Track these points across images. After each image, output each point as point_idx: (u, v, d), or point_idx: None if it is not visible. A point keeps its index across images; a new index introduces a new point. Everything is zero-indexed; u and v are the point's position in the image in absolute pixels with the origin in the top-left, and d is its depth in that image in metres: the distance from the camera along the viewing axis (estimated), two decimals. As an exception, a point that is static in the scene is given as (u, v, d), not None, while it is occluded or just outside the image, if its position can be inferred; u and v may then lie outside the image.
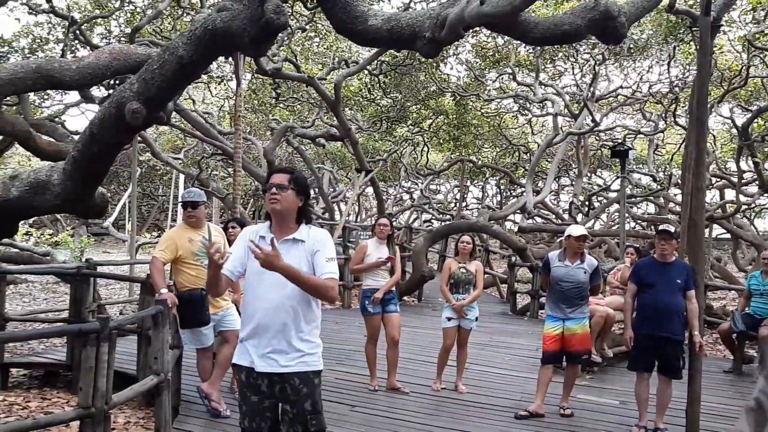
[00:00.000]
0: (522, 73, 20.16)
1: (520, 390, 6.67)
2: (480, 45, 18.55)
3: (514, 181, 25.33)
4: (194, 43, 4.77)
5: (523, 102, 22.10)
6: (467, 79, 20.26)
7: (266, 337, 3.17)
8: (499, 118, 23.63)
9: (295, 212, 3.28)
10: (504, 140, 24.76)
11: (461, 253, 6.69)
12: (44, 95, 15.91)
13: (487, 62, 18.93)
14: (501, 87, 21.78)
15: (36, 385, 7.00)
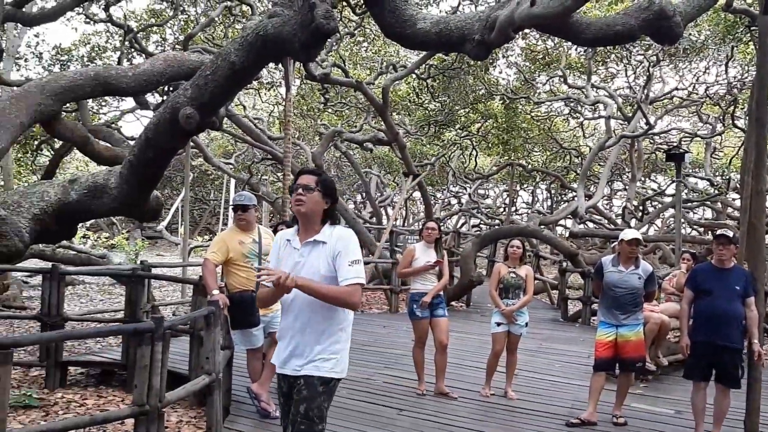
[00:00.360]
0: (573, 76, 19.85)
1: (572, 397, 6.53)
2: (530, 48, 18.35)
3: (565, 185, 24.93)
4: (246, 49, 4.85)
5: (574, 105, 21.76)
6: (517, 83, 20.05)
7: (288, 340, 3.21)
8: (550, 121, 23.30)
9: (320, 214, 3.23)
10: (554, 144, 24.40)
11: (511, 258, 6.60)
12: (102, 102, 16.42)
13: (537, 65, 18.71)
14: (551, 90, 21.48)
15: (93, 384, 7.21)
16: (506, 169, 25.61)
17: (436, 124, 19.95)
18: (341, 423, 5.38)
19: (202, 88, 5.05)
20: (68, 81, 6.99)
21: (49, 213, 5.51)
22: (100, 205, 5.59)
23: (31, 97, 6.65)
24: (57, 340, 6.47)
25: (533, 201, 35.76)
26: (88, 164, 23.97)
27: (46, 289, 6.97)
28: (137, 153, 5.38)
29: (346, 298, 3.10)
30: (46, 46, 23.32)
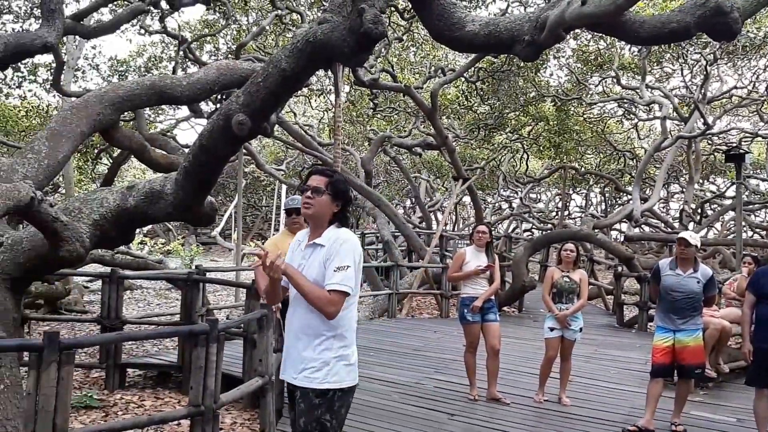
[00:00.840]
0: (626, 77, 19.42)
1: (628, 405, 6.37)
2: (581, 48, 18.04)
3: (619, 188, 24.36)
4: (296, 55, 4.89)
5: (628, 106, 21.28)
6: (568, 84, 19.73)
7: (289, 345, 3.14)
8: (603, 123, 22.84)
9: (329, 216, 3.12)
10: (608, 146, 23.90)
11: (564, 262, 6.49)
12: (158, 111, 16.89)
13: (589, 66, 18.37)
14: (604, 91, 21.06)
15: (150, 385, 7.40)
16: (558, 173, 25.20)
17: (485, 127, 19.79)
18: (392, 427, 5.37)
19: (253, 95, 5.12)
20: (126, 91, 7.20)
21: (108, 219, 5.66)
22: (157, 211, 5.71)
23: (91, 107, 6.88)
24: (116, 342, 6.67)
25: (587, 205, 35.08)
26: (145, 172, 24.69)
27: (105, 292, 7.21)
28: (192, 159, 5.49)
29: (322, 304, 2.95)
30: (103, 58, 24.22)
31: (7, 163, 6.03)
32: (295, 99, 22.53)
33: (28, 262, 5.45)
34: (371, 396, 6.29)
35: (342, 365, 3.04)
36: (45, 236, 5.23)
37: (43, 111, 16.08)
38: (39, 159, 6.15)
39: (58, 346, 3.36)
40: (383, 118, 20.81)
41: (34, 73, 14.96)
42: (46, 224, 5.06)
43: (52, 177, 6.46)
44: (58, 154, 6.37)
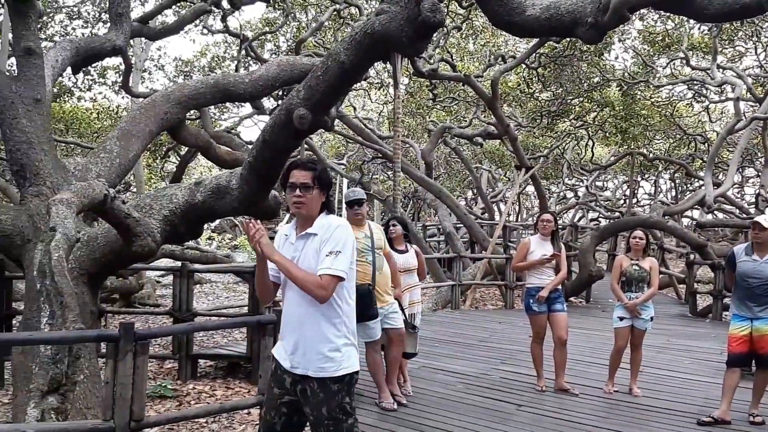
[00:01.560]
0: (696, 57, 18.66)
1: (703, 395, 6.15)
2: (647, 29, 17.43)
3: (690, 173, 23.45)
4: (354, 48, 4.91)
5: (698, 88, 20.45)
6: (634, 67, 19.09)
7: (289, 336, 3.07)
8: (672, 106, 22.01)
9: (318, 208, 3.09)
10: (678, 130, 23.03)
11: (633, 249, 6.30)
12: (222, 109, 17.29)
13: (656, 48, 17.73)
14: (672, 73, 20.30)
15: (221, 376, 7.60)
16: (626, 159, 24.46)
17: (548, 114, 19.40)
18: (459, 417, 5.35)
19: (313, 89, 5.17)
20: (191, 90, 7.41)
21: (177, 214, 5.84)
22: (223, 205, 5.85)
23: (158, 107, 7.10)
24: (188, 332, 6.88)
25: (656, 191, 33.94)
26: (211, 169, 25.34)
27: (176, 286, 7.43)
28: (255, 154, 5.59)
29: (313, 288, 2.90)
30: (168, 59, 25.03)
31: (81, 163, 6.29)
32: (355, 93, 22.64)
33: (104, 258, 5.68)
34: (437, 387, 6.28)
35: (352, 349, 3.06)
36: (118, 232, 5.44)
37: (113, 112, 16.71)
38: (111, 158, 6.39)
39: (134, 337, 3.49)
40: (443, 109, 20.68)
41: (104, 76, 15.58)
42: (119, 221, 5.26)
43: (124, 175, 6.70)
44: (129, 152, 6.60)
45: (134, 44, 14.32)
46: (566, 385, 6.23)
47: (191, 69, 15.84)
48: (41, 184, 5.72)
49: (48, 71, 6.38)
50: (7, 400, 6.30)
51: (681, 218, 23.27)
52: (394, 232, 6.13)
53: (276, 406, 3.08)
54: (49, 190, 5.67)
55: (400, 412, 5.45)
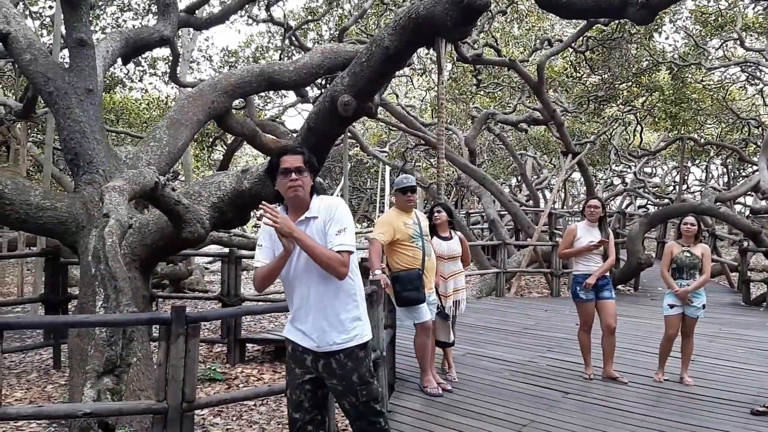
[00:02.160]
0: (750, 38, 18.00)
1: (757, 385, 5.98)
2: (699, 9, 16.88)
3: (744, 158, 22.68)
4: (399, 32, 4.89)
5: (752, 70, 19.74)
6: (685, 49, 18.51)
7: (308, 317, 3.14)
8: (724, 90, 21.30)
9: (309, 191, 3.16)
10: (730, 114, 22.30)
11: (685, 236, 6.14)
12: (266, 98, 17.46)
13: (709, 29, 17.15)
14: (725, 55, 19.64)
15: (268, 360, 7.74)
16: (676, 144, 23.82)
17: (595, 100, 19.00)
18: (505, 404, 5.33)
19: (358, 75, 5.17)
20: (237, 78, 7.49)
21: (225, 201, 5.94)
22: (270, 192, 5.89)
23: (206, 96, 7.21)
24: (236, 316, 7.01)
25: (707, 178, 32.98)
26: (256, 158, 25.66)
27: (224, 272, 7.58)
28: (301, 141, 5.63)
29: (336, 265, 3.02)
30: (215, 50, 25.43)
31: (132, 152, 6.43)
32: (397, 80, 22.59)
33: (155, 244, 5.81)
34: (482, 374, 6.26)
35: (366, 319, 3.27)
36: (169, 219, 5.56)
37: (162, 102, 17.04)
38: (161, 146, 6.51)
39: (185, 320, 3.56)
40: (487, 95, 20.46)
41: (154, 67, 15.88)
42: (169, 207, 5.37)
43: (173, 163, 6.83)
44: (178, 141, 6.72)
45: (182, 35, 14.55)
46: (615, 373, 6.14)
47: (236, 59, 16.02)
48: (94, 172, 5.87)
49: (99, 62, 6.53)
50: (64, 382, 6.54)
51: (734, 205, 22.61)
52: (439, 219, 6.11)
53: (299, 385, 3.19)
54: (101, 178, 5.83)
55: (447, 398, 5.45)
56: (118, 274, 4.13)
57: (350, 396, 3.13)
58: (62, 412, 3.68)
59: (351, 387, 3.12)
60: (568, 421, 4.93)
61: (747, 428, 4.84)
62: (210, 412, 5.77)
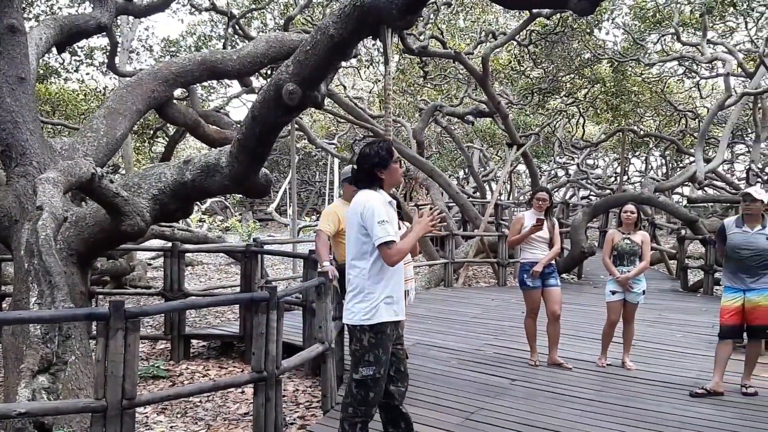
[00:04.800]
0: (687, 33, 18.57)
1: (696, 368, 6.17)
2: (638, 5, 17.32)
3: (681, 150, 23.49)
4: (344, 20, 4.82)
5: (689, 64, 20.40)
6: (625, 44, 18.99)
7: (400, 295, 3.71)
8: (663, 83, 21.95)
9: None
10: (669, 107, 23.01)
11: (625, 224, 6.28)
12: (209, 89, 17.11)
13: (647, 23, 17.63)
14: (663, 49, 20.22)
15: (214, 356, 7.59)
16: (617, 136, 24.47)
17: (539, 92, 19.31)
18: (453, 392, 5.36)
19: (302, 63, 5.09)
20: (178, 67, 7.29)
21: (167, 193, 5.78)
22: (213, 183, 5.79)
23: (145, 85, 7.00)
24: (179, 310, 6.85)
25: (647, 169, 34.03)
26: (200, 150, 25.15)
27: (167, 266, 7.38)
28: (245, 131, 5.52)
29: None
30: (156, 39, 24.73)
31: (67, 142, 6.19)
32: (344, 71, 22.46)
33: (93, 237, 5.62)
34: (431, 363, 6.29)
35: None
36: (107, 211, 5.38)
37: (100, 93, 16.49)
38: (98, 137, 6.30)
39: (124, 315, 3.44)
40: (434, 88, 20.54)
41: (91, 57, 15.34)
42: (107, 200, 5.19)
43: (111, 154, 6.61)
44: (116, 131, 6.51)
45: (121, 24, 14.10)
46: (559, 359, 6.25)
47: (178, 49, 15.61)
48: (27, 164, 5.63)
49: (32, 49, 6.26)
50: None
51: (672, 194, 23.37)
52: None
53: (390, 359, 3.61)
54: (35, 170, 5.59)
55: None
56: (53, 269, 3.97)
57: (405, 359, 3.78)
58: (-6, 413, 3.50)
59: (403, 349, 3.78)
60: (514, 408, 4.99)
61: (687, 410, 4.99)
62: (153, 409, 5.62)
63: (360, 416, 3.53)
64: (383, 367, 3.51)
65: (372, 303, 3.48)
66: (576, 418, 4.76)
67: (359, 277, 3.54)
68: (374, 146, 3.67)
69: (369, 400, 3.52)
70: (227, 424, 5.26)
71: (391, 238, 3.45)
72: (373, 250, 3.50)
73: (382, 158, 3.60)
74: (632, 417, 4.81)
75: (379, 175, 3.61)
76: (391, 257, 3.47)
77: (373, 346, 3.49)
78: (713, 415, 4.87)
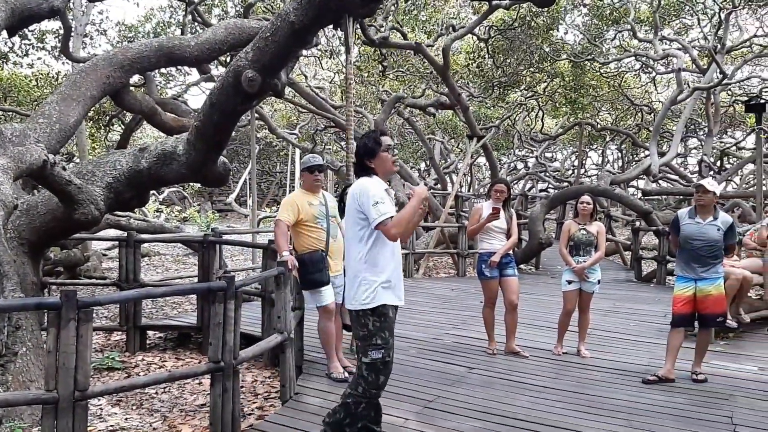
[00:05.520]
0: (643, 30, 18.95)
1: (648, 355, 6.34)
2: (596, 4, 17.61)
3: (636, 143, 23.98)
4: (305, 7, 4.78)
5: (645, 59, 20.83)
6: (583, 42, 19.28)
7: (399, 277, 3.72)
8: (620, 77, 22.37)
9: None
10: (625, 101, 23.46)
11: (581, 214, 6.40)
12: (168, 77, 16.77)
13: (605, 21, 17.93)
14: (621, 45, 20.59)
15: (171, 347, 7.48)
16: (574, 130, 24.87)
17: (499, 85, 19.47)
18: (411, 381, 5.39)
19: (263, 50, 5.04)
20: (134, 53, 7.14)
21: (122, 181, 5.67)
22: (170, 172, 5.70)
23: (100, 71, 6.83)
24: (134, 300, 6.71)
25: (603, 162, 34.70)
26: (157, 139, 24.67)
27: (122, 256, 7.23)
28: (203, 118, 5.44)
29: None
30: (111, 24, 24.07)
31: (18, 128, 6.00)
32: (306, 60, 22.27)
33: (45, 226, 5.48)
34: (390, 352, 6.30)
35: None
36: (60, 200, 5.25)
37: (53, 79, 16.03)
38: (50, 123, 6.12)
39: (76, 304, 3.36)
40: (395, 79, 20.52)
41: (42, 41, 14.88)
42: (60, 187, 5.07)
43: (65, 141, 6.44)
44: (69, 118, 6.34)
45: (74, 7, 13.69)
46: (517, 348, 6.34)
47: (135, 35, 15.27)
48: (-25, 150, 5.44)
49: (-20, 32, 6.05)
50: (-55, 376, 6.06)
51: (627, 187, 23.86)
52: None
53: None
54: (-17, 157, 5.41)
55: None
56: (1, 258, 3.86)
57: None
58: (-61, 406, 3.39)
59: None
60: (472, 395, 5.05)
61: (640, 396, 5.12)
62: (108, 401, 5.51)
63: (367, 398, 3.63)
64: (391, 350, 3.59)
65: (371, 287, 3.55)
66: (532, 405, 4.84)
67: (357, 262, 3.61)
68: (364, 137, 3.77)
69: (379, 383, 3.60)
70: (184, 415, 5.18)
71: (388, 215, 3.50)
72: (369, 235, 3.57)
73: (369, 149, 3.67)
74: (586, 403, 4.91)
75: (369, 164, 3.68)
76: (389, 231, 3.52)
77: (378, 329, 3.55)
78: (664, 401, 5.01)
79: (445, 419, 4.56)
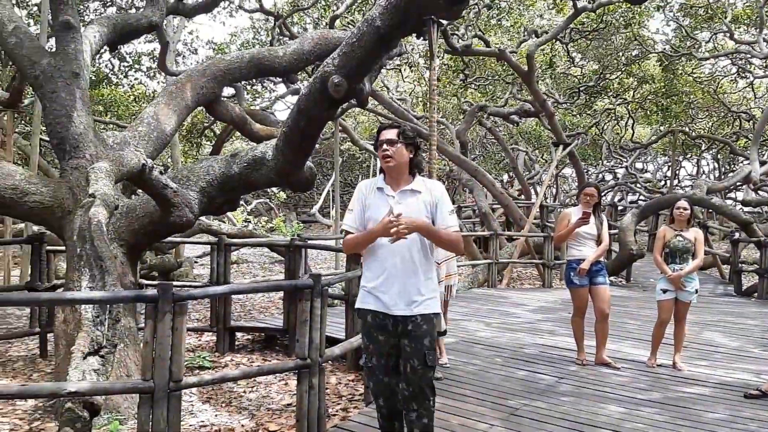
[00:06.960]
0: (740, 30, 18.01)
1: (750, 369, 5.95)
2: (689, 2, 16.88)
3: (735, 152, 22.72)
4: (390, 11, 4.80)
5: (743, 63, 19.76)
6: (675, 40, 18.47)
7: (393, 286, 3.34)
8: (715, 82, 21.31)
9: (407, 165, 3.43)
10: (721, 108, 22.32)
11: (677, 220, 6.10)
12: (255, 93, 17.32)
13: (698, 20, 17.14)
14: (715, 48, 19.65)
15: (258, 349, 7.67)
16: (667, 138, 23.85)
17: (586, 91, 18.97)
18: (497, 389, 5.28)
19: (348, 56, 5.09)
20: (226, 64, 7.39)
21: (214, 185, 5.86)
22: (259, 177, 5.85)
23: (194, 81, 7.11)
24: (224, 295, 6.95)
25: (698, 172, 33.09)
26: (246, 150, 25.45)
27: (214, 259, 7.49)
28: (291, 124, 5.55)
29: (456, 243, 3.42)
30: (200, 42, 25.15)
31: (119, 136, 6.33)
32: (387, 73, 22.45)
33: (142, 228, 5.72)
34: (475, 359, 6.22)
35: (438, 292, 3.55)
36: (156, 203, 5.47)
37: (149, 97, 16.90)
38: (148, 131, 6.41)
39: (172, 297, 3.49)
40: (477, 89, 20.38)
41: (138, 62, 15.74)
42: (157, 191, 5.28)
43: (162, 148, 6.73)
44: (166, 126, 6.62)
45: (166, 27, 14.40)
46: (607, 358, 6.10)
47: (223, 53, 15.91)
48: (80, 157, 5.76)
49: (86, 47, 6.41)
50: (50, 370, 6.44)
51: (725, 197, 22.65)
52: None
53: (385, 350, 3.41)
54: (88, 163, 5.70)
55: (438, 384, 5.39)
56: (104, 254, 4.05)
57: (418, 357, 3.31)
58: (47, 391, 3.59)
59: (420, 349, 3.31)
60: (560, 405, 4.89)
61: (741, 411, 4.81)
62: (199, 397, 5.69)
63: (375, 404, 3.60)
64: (373, 356, 3.45)
65: (360, 291, 3.53)
66: (624, 417, 4.63)
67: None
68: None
69: (371, 388, 3.55)
70: (270, 413, 5.29)
71: (347, 226, 3.49)
72: None
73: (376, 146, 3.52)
74: (682, 417, 4.65)
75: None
76: (343, 244, 3.58)
77: (361, 331, 3.54)
78: (770, 417, 4.69)
79: (532, 427, 4.43)
